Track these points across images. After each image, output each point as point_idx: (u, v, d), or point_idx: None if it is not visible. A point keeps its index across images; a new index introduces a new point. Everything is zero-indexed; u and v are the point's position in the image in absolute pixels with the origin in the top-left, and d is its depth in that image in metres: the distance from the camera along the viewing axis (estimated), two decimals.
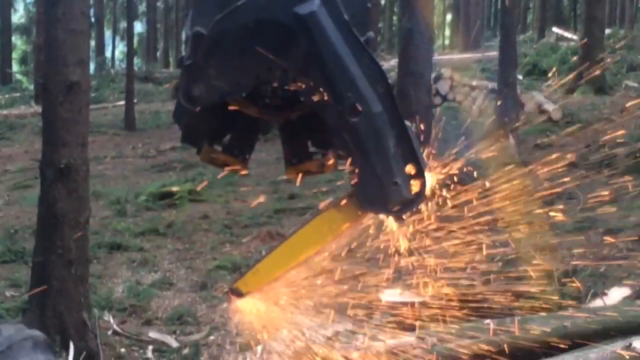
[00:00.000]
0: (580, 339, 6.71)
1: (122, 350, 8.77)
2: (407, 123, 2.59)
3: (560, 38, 34.77)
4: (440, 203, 2.92)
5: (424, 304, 5.63)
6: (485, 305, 6.78)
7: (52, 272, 8.35)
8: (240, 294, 2.88)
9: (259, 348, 6.24)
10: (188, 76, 2.62)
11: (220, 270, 11.18)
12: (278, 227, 12.90)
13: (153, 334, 9.18)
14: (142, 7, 57.77)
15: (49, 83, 8.45)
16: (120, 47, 57.55)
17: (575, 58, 24.24)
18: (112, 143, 23.95)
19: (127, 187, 17.01)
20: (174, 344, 8.86)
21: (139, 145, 23.29)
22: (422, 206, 2.73)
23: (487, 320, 6.88)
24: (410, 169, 2.56)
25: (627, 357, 6.40)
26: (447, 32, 59.94)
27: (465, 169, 3.21)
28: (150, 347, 8.82)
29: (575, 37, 32.17)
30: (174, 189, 15.68)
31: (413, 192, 2.58)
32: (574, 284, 8.49)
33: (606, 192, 8.46)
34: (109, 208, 15.03)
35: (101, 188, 16.55)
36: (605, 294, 8.37)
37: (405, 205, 2.59)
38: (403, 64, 15.07)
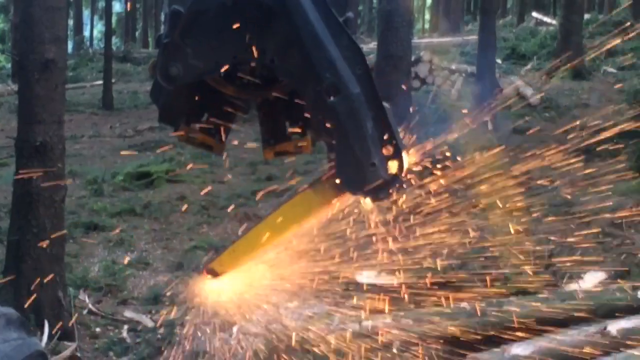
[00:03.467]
0: (556, 323, 6.76)
1: (97, 329, 8.76)
2: (386, 105, 2.57)
3: (540, 23, 34.82)
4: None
5: (400, 286, 5.65)
6: (461, 288, 6.81)
7: (27, 251, 8.31)
8: (215, 274, 2.87)
9: (235, 328, 6.24)
10: (165, 54, 2.59)
11: (196, 251, 11.16)
12: (255, 208, 12.85)
13: (128, 314, 9.18)
14: None
15: (25, 60, 8.39)
16: (99, 27, 57.07)
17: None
18: (90, 122, 23.81)
19: (104, 167, 16.92)
20: (150, 324, 8.85)
21: (116, 125, 23.17)
22: (401, 189, 2.72)
23: (464, 304, 6.92)
24: (388, 150, 2.54)
25: (602, 340, 6.45)
26: (427, 16, 59.94)
27: (443, 151, 3.21)
28: (126, 327, 8.81)
29: (554, 22, 32.21)
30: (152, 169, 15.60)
31: (390, 174, 2.56)
32: (550, 268, 8.54)
33: (583, 177, 8.50)
34: (85, 188, 14.94)
35: (78, 167, 16.47)
36: (581, 278, 8.42)
37: (382, 186, 2.57)
38: (382, 46, 15.09)
